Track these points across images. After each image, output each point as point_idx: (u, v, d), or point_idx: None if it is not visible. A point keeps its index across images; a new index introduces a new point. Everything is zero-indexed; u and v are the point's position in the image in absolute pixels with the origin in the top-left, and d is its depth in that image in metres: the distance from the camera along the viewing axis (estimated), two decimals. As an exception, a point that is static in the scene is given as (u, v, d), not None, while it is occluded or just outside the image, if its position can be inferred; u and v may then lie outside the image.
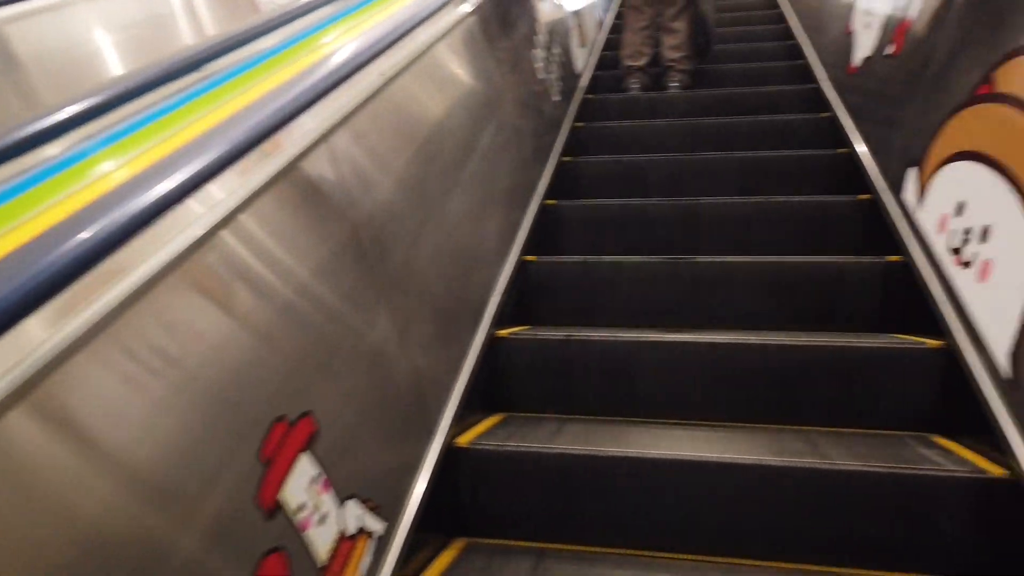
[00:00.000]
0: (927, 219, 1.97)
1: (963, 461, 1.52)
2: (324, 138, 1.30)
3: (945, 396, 1.77)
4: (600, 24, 4.98)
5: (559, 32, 3.56)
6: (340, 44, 1.43)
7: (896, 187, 2.25)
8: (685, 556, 1.55)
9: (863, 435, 1.77)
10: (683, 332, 2.02)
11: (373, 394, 1.33)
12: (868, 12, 2.96)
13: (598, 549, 1.59)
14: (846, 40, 3.17)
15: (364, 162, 1.47)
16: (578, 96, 3.85)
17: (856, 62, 3.02)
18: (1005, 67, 1.65)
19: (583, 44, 4.24)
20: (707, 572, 1.48)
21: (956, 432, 1.71)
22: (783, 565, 1.50)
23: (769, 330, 2.18)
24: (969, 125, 1.81)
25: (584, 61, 4.25)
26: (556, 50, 3.45)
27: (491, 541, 1.64)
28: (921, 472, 1.47)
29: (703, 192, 2.91)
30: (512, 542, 1.63)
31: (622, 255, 2.42)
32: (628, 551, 1.58)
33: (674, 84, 4.05)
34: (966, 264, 1.69)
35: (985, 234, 1.61)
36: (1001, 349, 1.47)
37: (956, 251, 1.75)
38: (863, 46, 2.95)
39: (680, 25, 4.05)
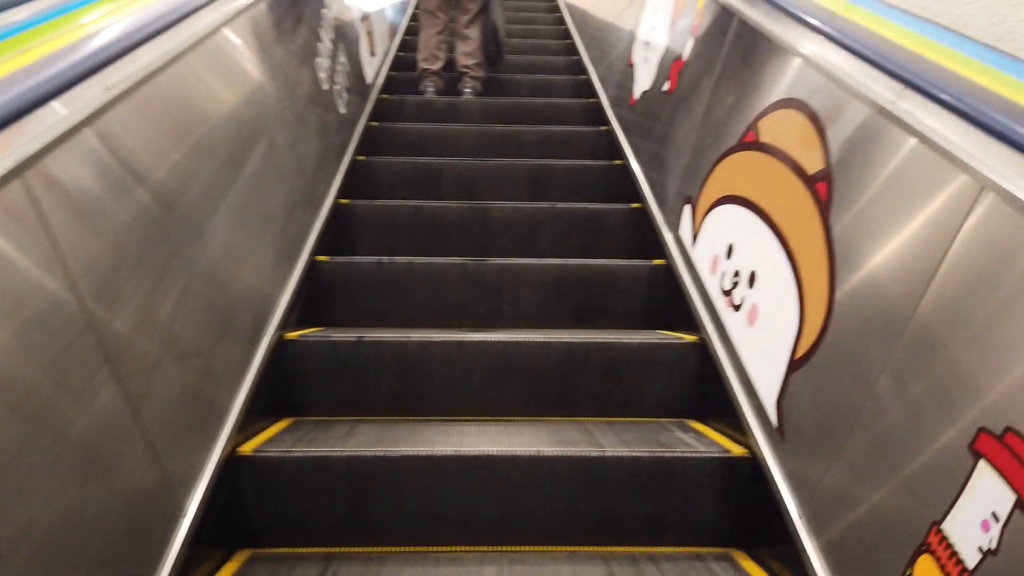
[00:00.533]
0: (701, 258, 2.06)
1: (712, 443, 1.72)
2: (72, 133, 1.16)
3: (700, 385, 2.00)
4: (393, 30, 4.93)
5: (349, 30, 3.49)
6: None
7: (673, 224, 2.36)
8: (472, 548, 1.61)
9: (632, 423, 1.94)
10: (472, 331, 2.10)
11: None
12: (646, 46, 3.11)
13: (388, 549, 1.61)
14: (628, 71, 3.37)
15: (124, 159, 1.36)
16: (373, 95, 3.82)
17: (636, 94, 3.16)
18: (769, 118, 1.78)
19: (372, 52, 3.99)
20: (491, 562, 1.55)
21: (708, 417, 1.93)
22: (561, 549, 1.62)
23: (553, 327, 2.33)
24: (738, 170, 1.90)
25: (380, 60, 4.23)
26: (346, 47, 3.38)
27: (278, 550, 1.60)
28: (678, 455, 1.64)
29: (495, 195, 3.03)
30: (300, 549, 1.60)
31: (416, 256, 2.45)
32: (418, 548, 1.61)
33: (468, 90, 4.15)
34: (737, 307, 1.77)
35: (753, 281, 1.71)
36: (770, 399, 1.56)
37: (727, 293, 1.84)
38: (642, 79, 3.09)
39: (473, 32, 4.16)
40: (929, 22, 1.48)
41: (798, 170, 1.57)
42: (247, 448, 1.62)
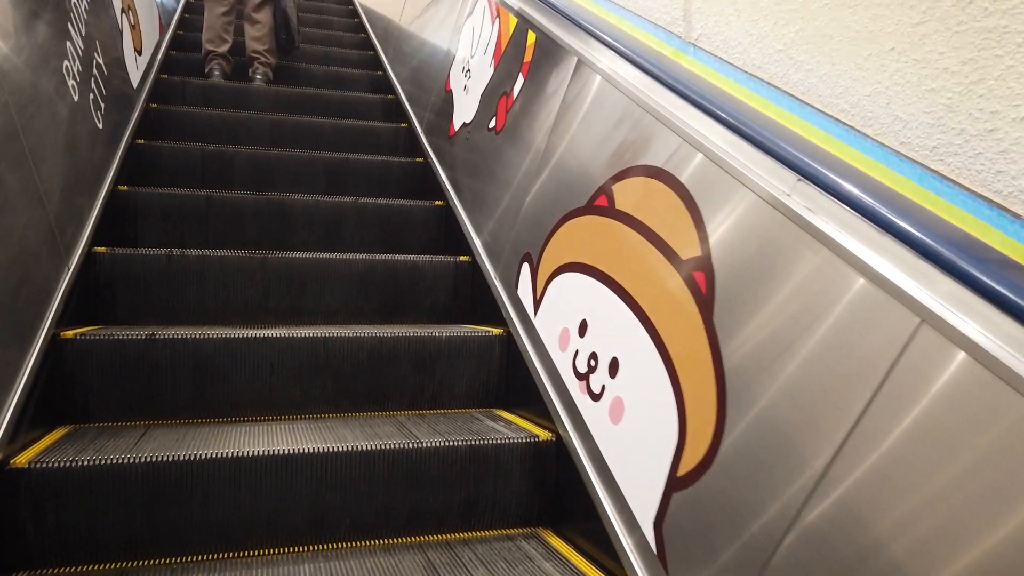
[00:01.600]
0: (547, 330, 1.82)
1: (521, 429, 1.82)
2: None
3: (507, 376, 2.09)
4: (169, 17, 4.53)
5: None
6: None
7: (508, 282, 2.11)
8: (286, 550, 1.57)
9: (444, 415, 1.99)
10: (277, 327, 2.03)
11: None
12: (466, 74, 2.82)
13: (194, 557, 1.51)
14: (446, 97, 3.07)
15: None
16: (152, 73, 3.52)
17: (456, 125, 2.86)
18: (625, 184, 1.56)
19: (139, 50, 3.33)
20: (306, 561, 1.51)
21: (515, 407, 2.03)
22: (379, 542, 1.62)
23: (361, 323, 2.31)
24: (588, 237, 1.68)
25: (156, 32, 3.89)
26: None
27: (62, 570, 1.44)
28: (490, 442, 1.71)
29: (292, 187, 2.94)
30: (88, 567, 1.45)
31: (207, 248, 2.31)
32: (228, 554, 1.53)
33: (258, 77, 3.96)
34: (595, 397, 1.55)
35: (615, 369, 1.50)
36: (646, 518, 1.34)
37: (582, 376, 1.62)
38: (462, 109, 2.81)
39: (263, 17, 3.99)
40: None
41: (667, 252, 1.39)
42: (22, 460, 1.44)
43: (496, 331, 2.11)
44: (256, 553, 1.55)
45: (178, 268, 2.20)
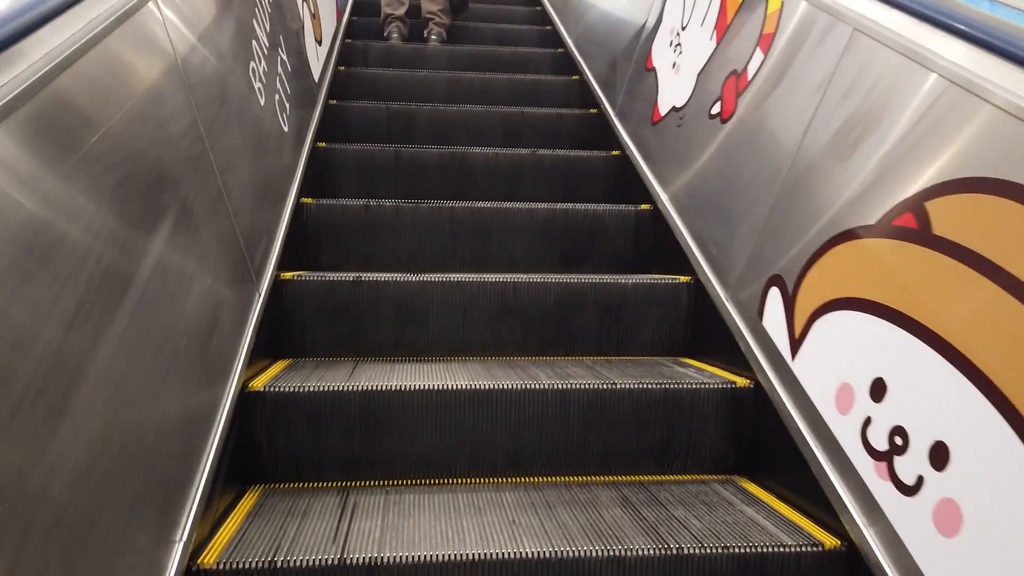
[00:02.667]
0: (814, 380, 1.43)
1: (714, 375, 1.78)
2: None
3: (694, 324, 2.05)
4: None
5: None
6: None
7: (747, 307, 1.73)
8: (487, 480, 1.64)
9: (630, 360, 1.99)
10: (468, 271, 2.10)
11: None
12: (675, 49, 2.42)
13: (405, 481, 1.62)
14: (647, 77, 2.66)
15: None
16: (337, 43, 3.71)
17: (662, 109, 2.46)
18: (953, 201, 1.15)
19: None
20: (507, 491, 1.57)
21: (703, 355, 1.99)
22: (574, 479, 1.66)
23: (542, 271, 2.35)
24: (885, 267, 1.27)
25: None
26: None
27: (292, 485, 1.59)
28: (685, 386, 1.69)
29: (469, 141, 3.02)
30: (317, 484, 1.60)
31: (398, 200, 2.43)
32: (435, 481, 1.63)
33: (433, 37, 4.08)
34: (908, 490, 1.15)
35: (941, 458, 1.09)
36: None
37: (879, 456, 1.22)
38: (671, 91, 2.42)
39: (437, -21, 4.09)
40: None
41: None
42: (258, 384, 1.59)
43: (683, 278, 2.06)
44: (460, 481, 1.63)
45: (375, 217, 2.33)
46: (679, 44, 2.40)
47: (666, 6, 2.63)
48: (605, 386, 1.68)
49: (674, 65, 2.40)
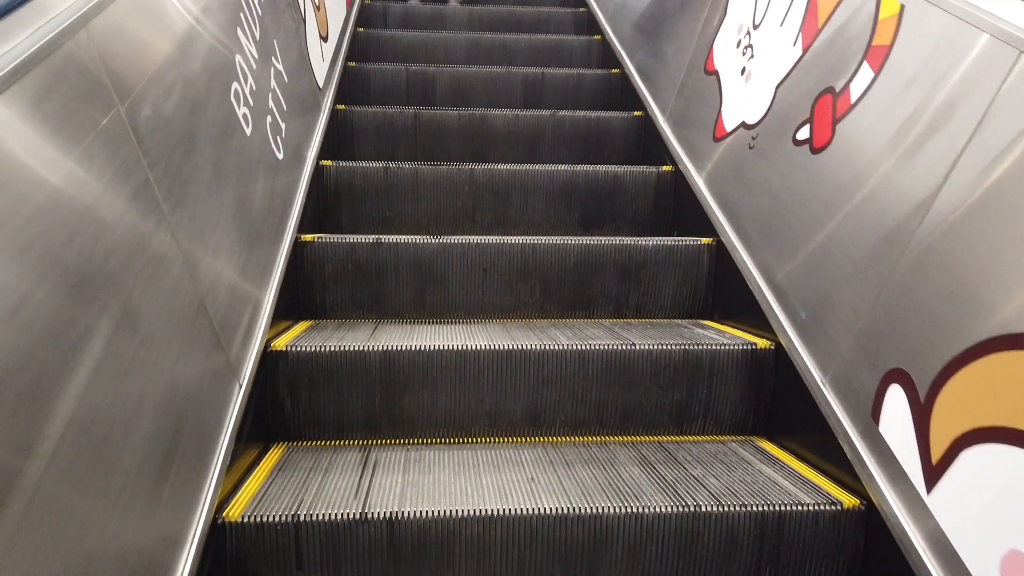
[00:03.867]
0: (960, 523, 1.07)
1: (735, 337, 1.77)
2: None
3: (715, 285, 2.04)
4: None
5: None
6: None
7: (851, 395, 1.36)
8: (507, 439, 1.66)
9: (650, 323, 1.99)
10: (487, 234, 2.10)
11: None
12: (746, 52, 2.02)
13: (426, 440, 1.64)
14: (707, 82, 2.26)
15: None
16: (348, 32, 3.60)
17: (728, 123, 2.07)
18: None
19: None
20: (526, 449, 1.59)
21: (725, 317, 1.98)
22: (592, 438, 1.67)
23: (563, 233, 2.34)
24: None
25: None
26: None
27: (316, 443, 1.62)
28: (705, 347, 1.69)
29: (489, 103, 2.99)
30: (339, 442, 1.62)
31: (418, 162, 2.42)
32: (454, 440, 1.65)
33: (454, -2, 4.04)
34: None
35: None
36: None
37: None
38: (740, 102, 2.01)
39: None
40: None
41: None
42: (280, 343, 1.61)
43: (705, 240, 2.05)
44: (479, 440, 1.65)
45: (394, 180, 2.32)
46: (750, 46, 2.00)
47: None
48: (624, 347, 1.68)
49: (743, 71, 2.00)
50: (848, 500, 1.31)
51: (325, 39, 2.72)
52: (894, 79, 1.41)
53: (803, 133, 1.67)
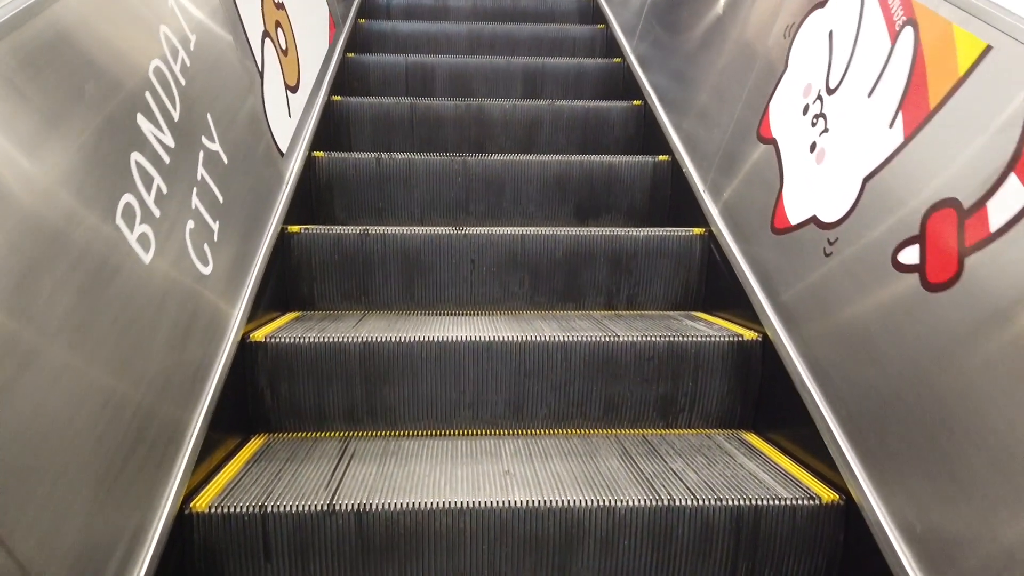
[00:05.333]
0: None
1: (722, 328, 1.74)
2: None
3: (706, 278, 2.01)
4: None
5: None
6: None
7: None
8: (487, 432, 1.64)
9: (640, 315, 1.96)
10: (481, 226, 2.08)
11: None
12: (819, 122, 1.51)
13: (406, 432, 1.63)
14: (761, 152, 1.76)
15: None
16: (320, 100, 3.46)
17: (792, 215, 1.57)
18: None
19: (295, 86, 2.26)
20: (507, 441, 1.57)
21: (716, 309, 1.95)
22: (575, 431, 1.65)
23: (556, 223, 2.31)
24: None
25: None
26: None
27: (296, 435, 1.61)
28: (690, 339, 1.66)
29: (489, 93, 2.97)
30: (320, 433, 1.61)
31: (413, 153, 2.40)
32: (436, 432, 1.63)
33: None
34: None
35: None
36: None
37: None
38: (809, 187, 1.52)
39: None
40: None
41: None
42: (259, 335, 1.61)
43: (697, 231, 2.01)
44: (461, 432, 1.64)
45: (386, 171, 2.31)
46: (821, 115, 1.51)
47: (795, 44, 1.68)
48: (608, 339, 1.65)
49: (813, 148, 1.52)
50: (827, 495, 1.28)
51: (295, 89, 2.20)
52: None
53: (909, 256, 1.17)
